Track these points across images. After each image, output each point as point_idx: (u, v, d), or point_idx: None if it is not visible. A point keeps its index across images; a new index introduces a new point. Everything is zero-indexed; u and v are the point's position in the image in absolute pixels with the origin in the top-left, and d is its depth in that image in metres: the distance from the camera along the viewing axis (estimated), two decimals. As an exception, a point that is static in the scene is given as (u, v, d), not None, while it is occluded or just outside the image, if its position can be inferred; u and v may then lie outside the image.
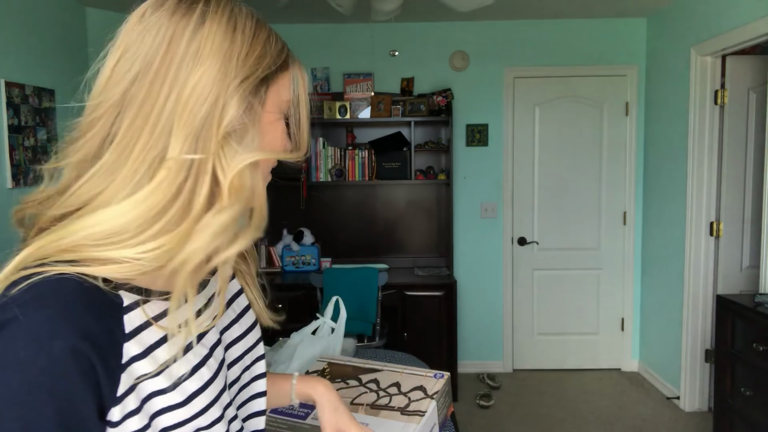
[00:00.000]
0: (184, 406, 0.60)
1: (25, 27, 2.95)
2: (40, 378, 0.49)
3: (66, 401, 0.51)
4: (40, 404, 0.49)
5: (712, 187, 3.29)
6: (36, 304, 0.51)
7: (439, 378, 1.45)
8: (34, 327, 0.50)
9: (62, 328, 0.51)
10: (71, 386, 0.51)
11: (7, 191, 2.81)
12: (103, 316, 0.54)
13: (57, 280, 0.53)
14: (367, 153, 3.81)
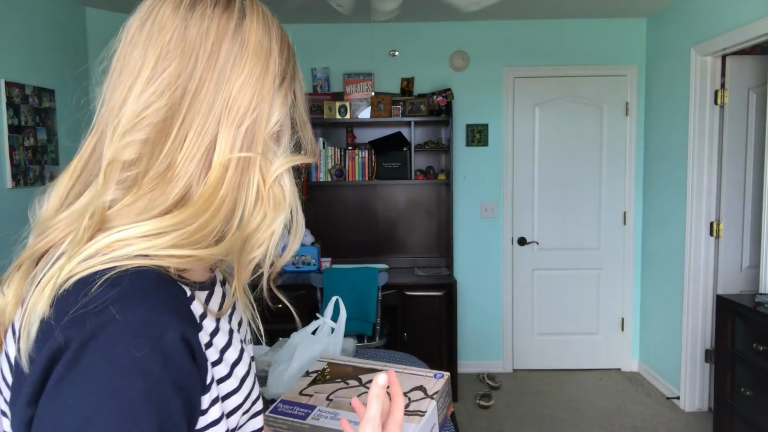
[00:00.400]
0: (238, 391, 0.61)
1: (25, 27, 2.95)
2: (164, 373, 0.48)
3: (187, 391, 0.51)
4: (168, 400, 0.49)
5: (712, 187, 3.28)
6: (131, 301, 0.49)
7: (439, 378, 1.45)
8: (139, 324, 0.48)
9: (166, 319, 0.50)
10: (188, 374, 0.51)
11: (7, 191, 2.81)
12: (186, 304, 0.55)
13: (137, 273, 0.51)
14: (367, 153, 3.80)
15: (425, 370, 1.48)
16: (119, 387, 0.47)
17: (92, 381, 0.47)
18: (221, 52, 0.57)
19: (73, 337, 0.47)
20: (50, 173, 3.10)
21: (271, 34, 0.60)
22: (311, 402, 1.42)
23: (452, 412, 1.67)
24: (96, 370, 0.47)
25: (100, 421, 0.46)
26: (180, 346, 0.50)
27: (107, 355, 0.47)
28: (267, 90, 0.59)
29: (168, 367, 0.49)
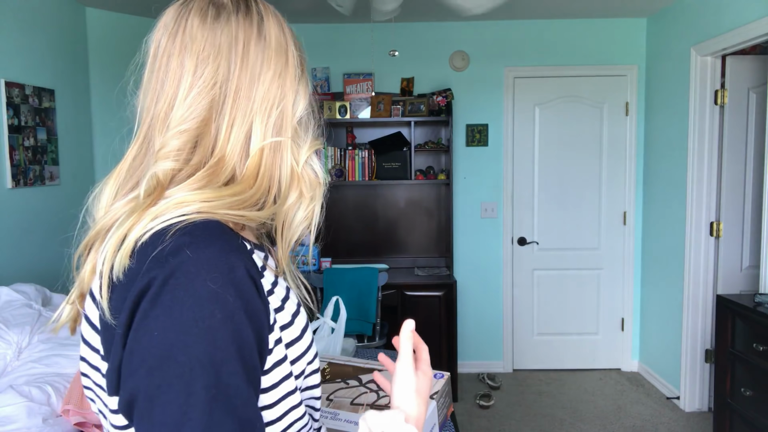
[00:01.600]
0: (300, 340, 0.67)
1: (25, 27, 2.95)
2: (236, 303, 0.55)
3: (257, 322, 0.58)
4: (242, 327, 0.55)
5: (712, 187, 3.28)
6: (202, 243, 0.56)
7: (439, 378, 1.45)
8: (212, 261, 0.55)
9: (234, 258, 0.57)
10: (256, 307, 0.58)
11: (7, 191, 2.81)
12: (248, 251, 0.62)
13: (204, 223, 0.58)
14: (367, 153, 3.80)
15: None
16: (199, 315, 0.53)
17: (175, 312, 0.53)
18: (250, 53, 0.66)
19: (155, 276, 0.54)
20: (50, 173, 3.10)
21: (285, 31, 0.68)
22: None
23: (452, 412, 1.67)
24: (177, 303, 0.53)
25: (184, 347, 0.52)
26: (248, 281, 0.57)
27: (186, 288, 0.53)
28: (290, 82, 0.68)
29: (240, 297, 0.55)
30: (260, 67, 0.66)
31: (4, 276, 2.72)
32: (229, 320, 0.54)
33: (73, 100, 3.35)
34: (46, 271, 3.06)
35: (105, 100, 3.58)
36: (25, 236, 2.94)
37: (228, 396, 0.53)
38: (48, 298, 2.29)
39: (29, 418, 1.54)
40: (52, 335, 1.94)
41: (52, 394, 1.64)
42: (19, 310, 2.01)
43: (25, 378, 1.72)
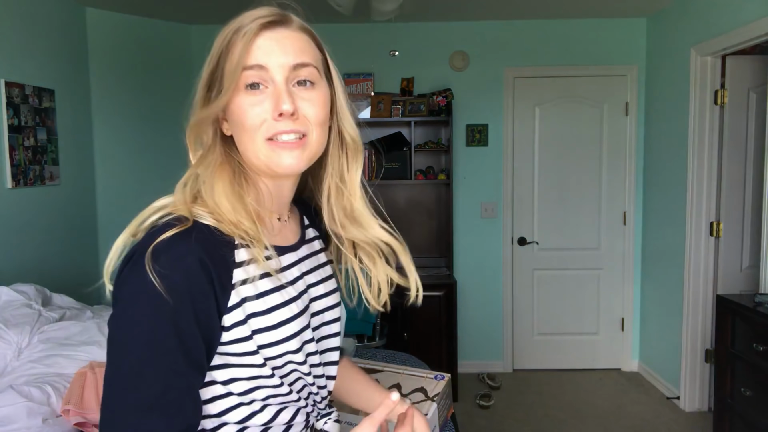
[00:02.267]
0: (276, 329, 0.76)
1: (25, 27, 2.95)
2: (182, 284, 0.67)
3: (199, 303, 0.68)
4: (182, 304, 0.67)
5: (712, 187, 3.28)
6: (171, 233, 0.69)
7: (439, 380, 1.45)
8: (173, 247, 0.68)
9: (190, 247, 0.68)
10: (202, 288, 0.68)
11: (7, 191, 2.81)
12: (217, 246, 0.71)
13: (177, 218, 0.71)
14: (367, 153, 3.81)
15: (426, 372, 1.48)
16: (150, 288, 0.65)
17: (133, 284, 0.67)
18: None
19: (130, 252, 0.71)
20: (50, 173, 3.10)
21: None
22: None
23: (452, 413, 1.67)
24: (135, 276, 0.67)
25: (136, 311, 0.67)
26: (197, 266, 0.68)
27: (144, 265, 0.66)
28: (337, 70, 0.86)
29: (186, 279, 0.67)
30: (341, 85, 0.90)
31: (4, 276, 2.72)
32: (171, 293, 0.66)
33: (73, 100, 3.35)
34: (46, 271, 3.06)
35: (105, 100, 3.58)
36: (25, 236, 2.94)
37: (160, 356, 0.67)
38: (48, 298, 2.29)
39: (29, 418, 1.54)
40: (52, 335, 1.94)
41: (52, 394, 1.64)
42: (19, 310, 2.01)
43: (25, 378, 1.72)
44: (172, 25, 3.87)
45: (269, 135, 0.75)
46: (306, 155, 0.78)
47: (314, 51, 0.81)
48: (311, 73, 0.78)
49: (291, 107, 0.73)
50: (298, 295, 0.82)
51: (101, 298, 3.62)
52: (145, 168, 3.79)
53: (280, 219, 0.86)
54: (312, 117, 0.77)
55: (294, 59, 0.76)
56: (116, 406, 0.65)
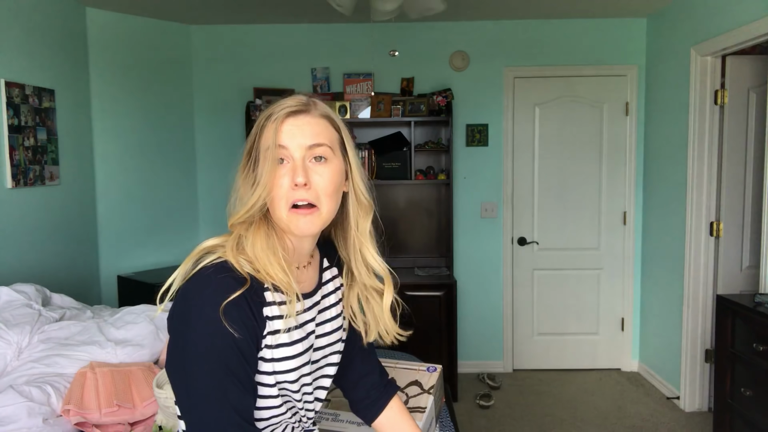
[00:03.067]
0: (279, 362, 0.95)
1: (25, 27, 2.95)
2: (232, 313, 0.86)
3: (245, 326, 0.88)
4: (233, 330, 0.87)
5: (712, 187, 3.28)
6: (221, 272, 0.89)
7: (432, 371, 1.45)
8: (222, 285, 0.87)
9: (234, 287, 0.88)
10: (245, 316, 0.89)
11: (7, 191, 2.81)
12: (254, 288, 0.90)
13: (225, 263, 0.91)
14: (367, 153, 3.80)
15: (418, 364, 1.49)
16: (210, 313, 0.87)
17: (190, 314, 0.88)
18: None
19: (187, 286, 0.90)
20: (50, 173, 3.10)
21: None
22: None
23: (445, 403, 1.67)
24: (196, 301, 0.88)
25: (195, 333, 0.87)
26: (242, 300, 0.88)
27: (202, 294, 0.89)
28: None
29: (233, 310, 0.87)
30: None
31: (4, 276, 2.72)
32: (218, 322, 0.85)
33: (73, 100, 3.35)
34: (46, 271, 3.06)
35: (105, 100, 3.58)
36: (25, 236, 2.94)
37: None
38: (48, 298, 2.29)
39: (29, 418, 1.54)
40: (52, 335, 1.94)
41: (52, 394, 1.64)
42: (19, 310, 2.01)
43: (25, 378, 1.72)
44: (172, 25, 3.87)
45: (289, 205, 0.93)
46: (318, 221, 0.95)
47: (330, 132, 0.99)
48: (325, 151, 0.95)
49: (303, 179, 0.92)
50: (305, 336, 0.99)
51: (101, 299, 3.62)
52: (145, 168, 3.79)
53: (299, 267, 1.03)
54: (321, 188, 0.94)
55: (311, 141, 0.94)
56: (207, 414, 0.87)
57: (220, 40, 3.96)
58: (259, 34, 3.96)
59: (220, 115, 4.01)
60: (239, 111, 3.96)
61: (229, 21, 3.88)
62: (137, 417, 1.68)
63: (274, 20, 3.87)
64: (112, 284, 3.62)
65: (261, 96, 3.84)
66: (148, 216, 3.80)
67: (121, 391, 1.68)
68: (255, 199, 0.91)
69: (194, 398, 0.86)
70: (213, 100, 4.01)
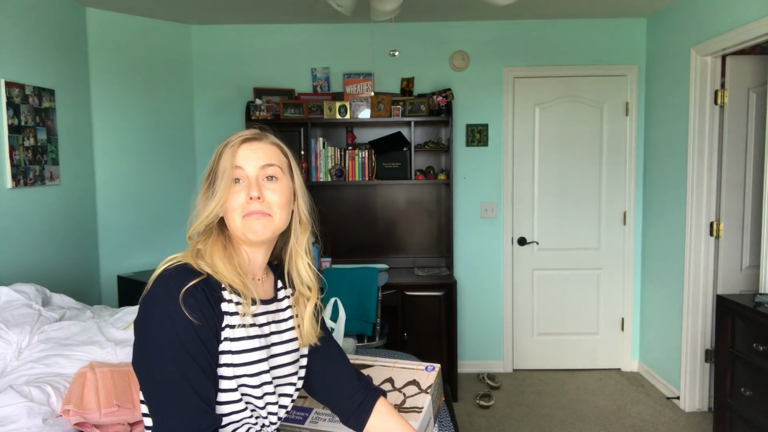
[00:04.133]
0: (238, 354, 1.02)
1: (25, 27, 2.95)
2: (190, 300, 0.96)
3: (203, 315, 0.97)
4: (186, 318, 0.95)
5: (712, 187, 3.28)
6: (178, 271, 1.00)
7: (430, 371, 1.45)
8: (180, 277, 0.98)
9: (191, 278, 0.99)
10: (203, 305, 0.98)
11: (7, 191, 2.81)
12: (212, 284, 1.01)
13: (184, 264, 1.02)
14: (367, 153, 3.80)
15: (416, 363, 1.48)
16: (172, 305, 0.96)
17: (152, 308, 0.97)
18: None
19: (151, 285, 1.00)
20: (50, 173, 3.10)
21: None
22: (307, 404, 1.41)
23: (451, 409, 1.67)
24: (159, 297, 0.98)
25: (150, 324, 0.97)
26: (203, 294, 0.99)
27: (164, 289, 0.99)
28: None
29: (195, 300, 0.98)
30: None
31: (4, 276, 2.72)
32: (177, 309, 0.95)
33: (73, 100, 3.35)
34: (46, 271, 3.06)
35: (105, 100, 3.58)
36: (25, 236, 2.94)
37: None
38: (48, 298, 2.29)
39: (29, 418, 1.54)
40: (52, 335, 1.94)
41: (52, 394, 1.64)
42: (19, 310, 2.01)
43: (25, 378, 1.72)
44: (172, 25, 3.87)
45: (243, 213, 1.05)
46: (271, 226, 1.07)
47: (280, 157, 1.12)
48: (275, 171, 1.09)
49: (257, 193, 1.05)
50: (265, 335, 1.09)
51: (101, 299, 3.62)
52: (145, 168, 3.79)
53: (254, 279, 1.13)
54: (274, 201, 1.07)
55: (263, 161, 1.08)
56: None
57: (220, 40, 3.96)
58: (259, 34, 3.96)
59: (220, 115, 4.01)
60: (239, 111, 3.96)
61: (229, 21, 3.88)
62: (137, 417, 1.68)
63: (274, 20, 3.87)
64: (112, 284, 3.62)
65: (261, 96, 3.84)
66: (148, 216, 3.80)
67: (120, 391, 1.68)
68: (210, 209, 1.04)
69: (158, 383, 0.93)
70: (213, 100, 4.01)
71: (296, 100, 3.86)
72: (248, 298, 1.03)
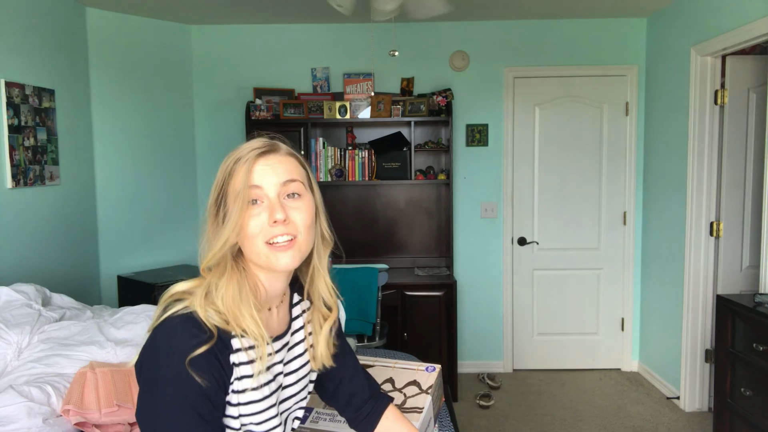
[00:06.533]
0: (245, 406, 0.95)
1: (25, 27, 2.95)
2: (200, 363, 0.86)
3: (213, 376, 0.88)
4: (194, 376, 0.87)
5: (712, 187, 3.28)
6: (185, 326, 0.88)
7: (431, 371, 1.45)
8: (187, 337, 0.87)
9: (199, 341, 0.88)
10: (212, 366, 0.88)
11: (7, 191, 2.81)
12: (217, 338, 0.90)
13: (191, 316, 0.90)
14: (367, 153, 3.80)
15: (417, 364, 1.48)
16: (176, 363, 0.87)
17: (159, 363, 0.88)
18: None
19: (154, 334, 0.90)
20: (50, 173, 3.10)
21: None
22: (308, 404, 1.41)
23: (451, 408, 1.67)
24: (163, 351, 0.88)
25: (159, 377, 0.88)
26: (205, 351, 0.88)
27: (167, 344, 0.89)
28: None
29: (193, 359, 0.87)
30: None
31: (4, 276, 2.72)
32: (183, 367, 0.86)
33: (73, 100, 3.35)
34: (46, 271, 3.06)
35: (105, 100, 3.58)
36: (25, 236, 2.94)
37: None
38: (48, 298, 2.29)
39: (29, 418, 1.54)
40: (52, 335, 1.94)
41: (52, 394, 1.64)
42: (19, 310, 2.01)
43: (25, 378, 1.72)
44: (172, 25, 3.87)
45: (267, 239, 0.93)
46: (298, 254, 0.96)
47: (299, 169, 0.99)
48: (298, 187, 0.96)
49: (283, 215, 0.92)
50: (272, 379, 1.00)
51: (101, 299, 3.62)
52: (145, 168, 3.79)
53: (270, 309, 1.03)
54: (300, 222, 0.95)
55: (284, 177, 0.95)
56: None
57: (220, 40, 3.96)
58: (259, 34, 3.96)
59: (220, 115, 4.01)
60: (239, 111, 3.96)
61: (229, 21, 3.88)
62: (137, 417, 1.68)
63: (274, 20, 3.87)
64: (112, 284, 3.62)
65: (261, 96, 3.84)
66: (148, 216, 3.80)
67: (121, 391, 1.68)
68: (224, 239, 0.91)
69: None
70: (213, 100, 4.01)
71: (296, 100, 3.86)
72: (264, 350, 0.93)
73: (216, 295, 0.92)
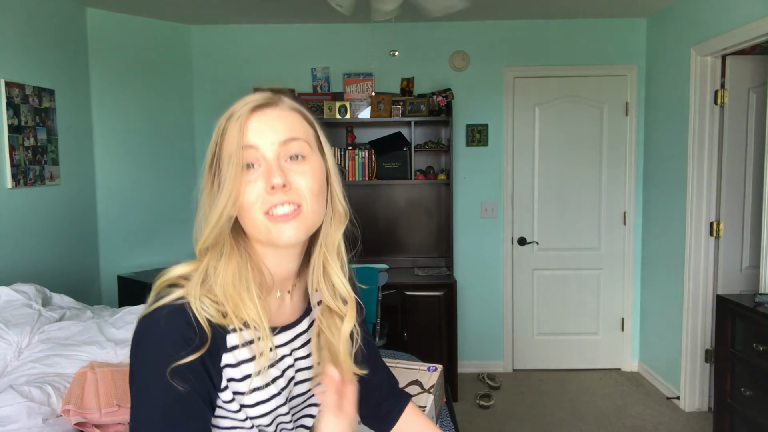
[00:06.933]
0: (252, 407, 0.83)
1: (25, 27, 2.95)
2: (181, 368, 0.73)
3: (195, 379, 0.76)
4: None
5: (712, 187, 3.28)
6: (176, 319, 0.76)
7: (432, 371, 1.45)
8: (171, 337, 0.75)
9: (183, 344, 0.75)
10: (195, 369, 0.75)
11: (7, 191, 2.81)
12: (214, 335, 0.78)
13: (183, 308, 0.77)
14: (367, 153, 3.80)
15: (418, 364, 1.49)
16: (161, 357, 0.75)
17: (140, 361, 0.76)
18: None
19: (144, 321, 0.78)
20: (50, 173, 3.10)
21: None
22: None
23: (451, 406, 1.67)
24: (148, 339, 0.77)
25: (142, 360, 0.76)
26: (179, 339, 0.76)
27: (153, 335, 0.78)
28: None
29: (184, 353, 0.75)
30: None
31: (4, 276, 2.72)
32: (168, 353, 0.75)
33: (73, 100, 3.35)
34: (46, 271, 3.06)
35: (105, 100, 3.58)
36: (25, 236, 2.94)
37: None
38: (48, 298, 2.29)
39: (29, 418, 1.54)
40: (52, 335, 1.94)
41: (52, 394, 1.64)
42: (19, 310, 2.01)
43: (25, 378, 1.72)
44: (172, 25, 3.87)
45: (265, 209, 0.78)
46: (303, 226, 0.80)
47: (304, 127, 0.84)
48: (301, 147, 0.81)
49: (281, 180, 0.77)
50: (280, 374, 0.87)
51: (101, 299, 3.62)
52: (146, 168, 3.79)
53: (281, 294, 0.89)
54: (305, 189, 0.80)
55: (283, 135, 0.79)
56: None
57: (220, 40, 3.96)
58: (259, 34, 3.96)
59: (220, 115, 3.99)
60: (239, 111, 3.95)
61: (229, 21, 3.88)
62: (137, 417, 1.68)
63: (274, 20, 3.87)
64: (112, 284, 3.62)
65: (261, 96, 3.84)
66: (148, 216, 3.80)
67: (121, 391, 1.68)
68: (219, 211, 0.77)
69: None
70: (213, 100, 4.01)
71: (296, 100, 3.86)
72: (264, 337, 0.80)
73: (214, 280, 0.79)
